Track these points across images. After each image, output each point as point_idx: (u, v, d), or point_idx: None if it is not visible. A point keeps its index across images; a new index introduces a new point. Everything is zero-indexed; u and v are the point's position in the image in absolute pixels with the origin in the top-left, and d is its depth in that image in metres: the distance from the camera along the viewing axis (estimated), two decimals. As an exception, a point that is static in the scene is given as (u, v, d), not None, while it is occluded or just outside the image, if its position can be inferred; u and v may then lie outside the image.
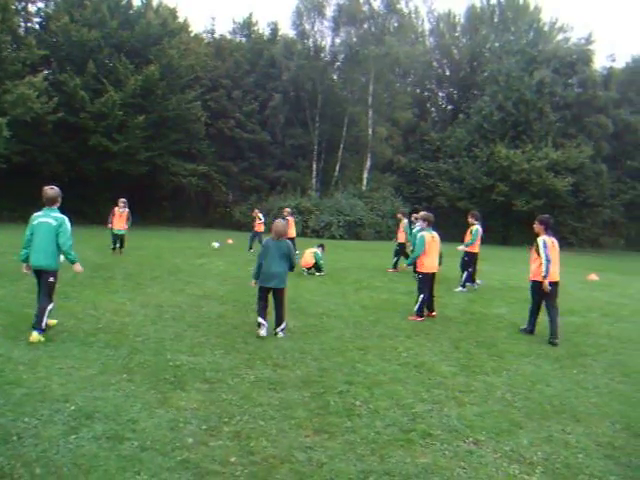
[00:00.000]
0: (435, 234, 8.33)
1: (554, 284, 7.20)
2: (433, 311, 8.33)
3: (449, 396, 4.84)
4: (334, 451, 3.63)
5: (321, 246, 13.41)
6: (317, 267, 12.52)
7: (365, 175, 34.71)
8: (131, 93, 26.14)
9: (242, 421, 4.03)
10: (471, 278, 11.50)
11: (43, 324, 5.73)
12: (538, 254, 7.15)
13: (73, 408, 4.00)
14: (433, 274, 8.26)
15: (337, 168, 35.02)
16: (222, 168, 33.30)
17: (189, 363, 5.30)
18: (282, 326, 6.64)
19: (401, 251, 14.27)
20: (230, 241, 20.84)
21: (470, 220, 11.37)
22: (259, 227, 17.99)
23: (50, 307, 5.88)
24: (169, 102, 27.80)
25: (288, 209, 18.55)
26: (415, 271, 8.68)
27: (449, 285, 12.08)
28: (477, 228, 11.20)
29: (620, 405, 4.86)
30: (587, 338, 7.46)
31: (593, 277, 15.33)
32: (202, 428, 3.86)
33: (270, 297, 6.72)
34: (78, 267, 6.14)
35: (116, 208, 14.70)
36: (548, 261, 7.02)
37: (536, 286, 7.28)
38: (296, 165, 35.68)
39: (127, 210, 14.83)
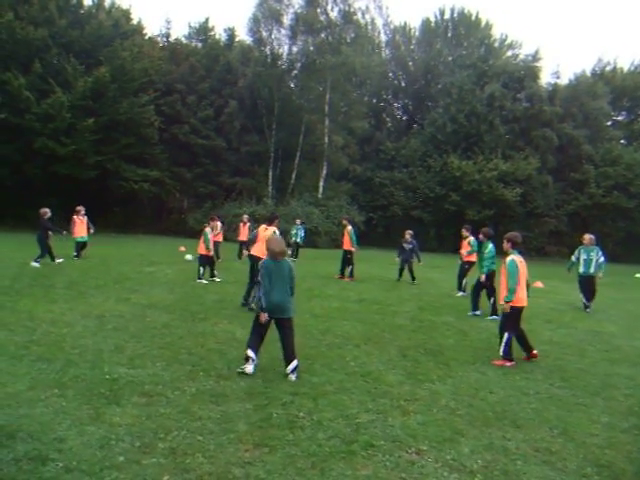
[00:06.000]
0: (522, 258, 6.90)
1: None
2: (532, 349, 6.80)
3: (394, 405, 4.82)
4: (273, 466, 3.53)
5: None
6: None
7: (321, 183, 34.79)
8: (80, 95, 25.28)
9: (179, 436, 3.86)
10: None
11: None
12: None
13: (-6, 427, 3.74)
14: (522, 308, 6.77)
15: (293, 176, 34.96)
16: (176, 174, 32.60)
17: (127, 376, 5.07)
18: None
19: (349, 259, 14.47)
20: (183, 249, 20.38)
21: (464, 233, 12.28)
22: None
23: None
24: (120, 105, 27.01)
25: (246, 216, 18.44)
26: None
27: (399, 293, 12.23)
28: (473, 239, 11.96)
29: (558, 410, 4.98)
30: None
31: (538, 284, 15.83)
32: (135, 445, 3.67)
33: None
34: None
35: (76, 217, 14.82)
36: None
37: None
38: (252, 172, 35.37)
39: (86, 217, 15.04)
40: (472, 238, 11.98)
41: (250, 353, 5.37)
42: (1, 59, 24.96)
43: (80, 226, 14.84)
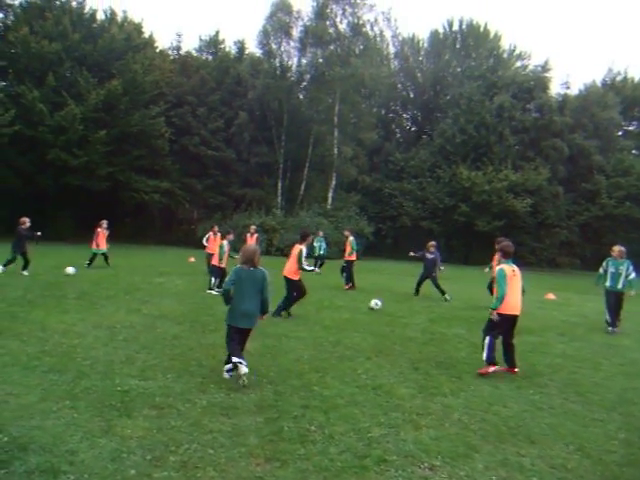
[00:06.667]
0: (515, 266, 6.72)
1: None
2: (514, 367, 6.61)
3: (406, 419, 4.76)
4: (285, 480, 3.49)
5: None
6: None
7: (330, 194, 34.87)
8: (93, 107, 25.65)
9: (190, 450, 3.84)
10: None
11: None
12: None
13: (6, 439, 3.72)
14: (513, 316, 6.57)
15: (302, 187, 35.09)
16: (186, 185, 32.88)
17: (139, 388, 5.07)
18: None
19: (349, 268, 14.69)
20: (192, 259, 20.47)
21: (497, 247, 11.79)
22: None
23: None
24: (132, 117, 27.37)
25: (253, 227, 18.55)
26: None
27: (410, 304, 12.16)
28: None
29: (574, 425, 4.89)
30: (543, 357, 7.55)
31: (550, 296, 15.71)
32: (147, 458, 3.65)
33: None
34: None
35: (99, 229, 15.48)
36: None
37: None
38: (261, 183, 35.58)
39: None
40: None
41: (235, 359, 5.38)
42: (16, 73, 25.44)
43: (102, 238, 15.51)
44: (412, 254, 14.33)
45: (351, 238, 15.12)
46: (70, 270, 13.57)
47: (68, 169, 25.66)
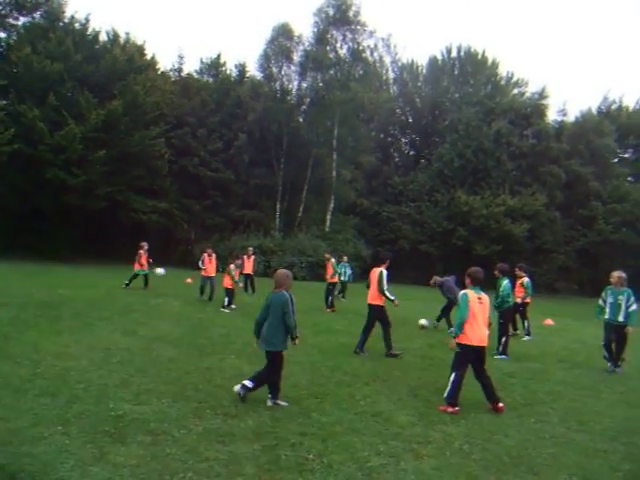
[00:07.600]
0: (483, 294, 6.28)
1: None
2: (497, 402, 6.07)
3: (406, 448, 4.66)
4: (282, 512, 3.38)
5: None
6: None
7: (328, 217, 34.91)
8: (93, 127, 25.71)
9: (185, 479, 3.73)
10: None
11: None
12: None
13: (-5, 467, 3.62)
14: (478, 348, 6.10)
15: (301, 209, 35.13)
16: (184, 206, 32.86)
17: (133, 413, 4.96)
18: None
19: (331, 290, 15.05)
20: (189, 280, 20.35)
21: (519, 273, 11.83)
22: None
23: None
24: (132, 138, 27.44)
25: (251, 249, 18.51)
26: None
27: (410, 328, 12.05)
28: (527, 280, 11.91)
29: (577, 456, 4.79)
30: (543, 385, 7.47)
31: (549, 322, 15.62)
32: (140, 488, 3.55)
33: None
34: None
35: (142, 251, 16.23)
36: None
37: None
38: (260, 205, 35.60)
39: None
40: (527, 279, 11.84)
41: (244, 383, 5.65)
42: (17, 92, 25.54)
43: (144, 260, 16.35)
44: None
45: (333, 260, 15.43)
46: (160, 271, 15.48)
47: (67, 188, 25.62)
